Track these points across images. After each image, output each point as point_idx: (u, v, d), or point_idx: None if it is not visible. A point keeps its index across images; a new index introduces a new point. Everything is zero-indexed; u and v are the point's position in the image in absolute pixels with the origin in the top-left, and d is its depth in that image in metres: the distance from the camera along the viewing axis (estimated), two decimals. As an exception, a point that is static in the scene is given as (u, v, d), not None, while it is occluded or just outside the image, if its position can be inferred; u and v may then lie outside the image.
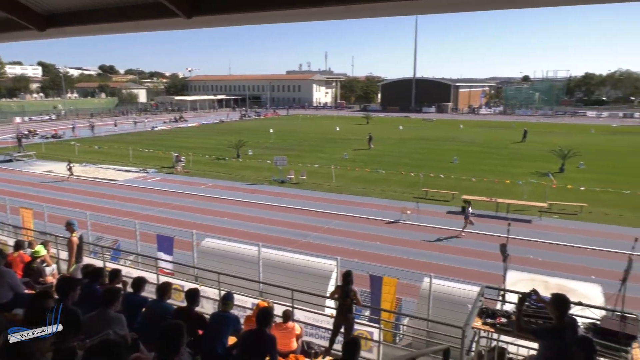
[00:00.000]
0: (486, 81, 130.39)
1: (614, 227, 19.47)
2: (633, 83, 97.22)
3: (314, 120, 77.23)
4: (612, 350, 5.42)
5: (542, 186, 25.24)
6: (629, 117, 75.90)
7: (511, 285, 8.99)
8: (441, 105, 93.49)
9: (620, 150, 40.87)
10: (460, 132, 56.66)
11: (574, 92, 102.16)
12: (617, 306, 6.12)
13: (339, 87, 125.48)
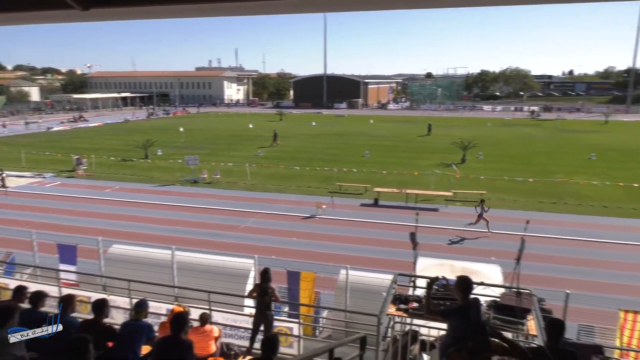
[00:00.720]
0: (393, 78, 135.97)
1: (510, 212, 21.24)
2: (522, 79, 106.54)
3: (226, 117, 75.82)
4: (511, 324, 5.93)
5: (447, 176, 26.89)
6: (519, 111, 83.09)
7: (421, 271, 9.49)
8: (352, 101, 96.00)
9: (513, 141, 44.68)
10: (370, 127, 58.63)
11: (471, 88, 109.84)
12: (514, 283, 6.69)
13: (251, 84, 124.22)
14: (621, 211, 21.55)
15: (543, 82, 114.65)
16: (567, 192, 23.87)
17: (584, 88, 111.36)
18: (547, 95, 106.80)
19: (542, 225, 18.95)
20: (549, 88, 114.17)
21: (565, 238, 17.86)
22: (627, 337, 9.42)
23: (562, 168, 30.95)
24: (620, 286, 13.69)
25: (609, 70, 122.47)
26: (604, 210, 21.78)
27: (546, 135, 49.69)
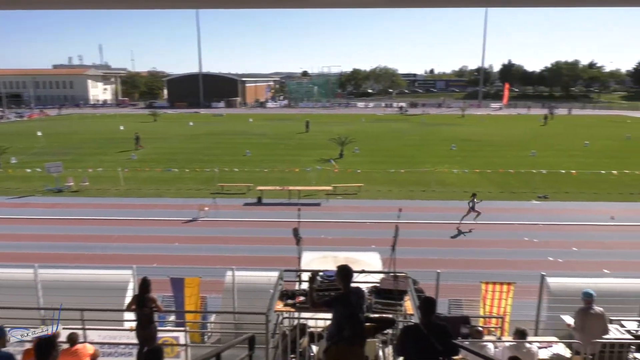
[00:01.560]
0: (270, 76, 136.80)
1: (386, 201, 22.65)
2: (390, 78, 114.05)
3: (93, 119, 69.94)
4: (391, 306, 6.33)
5: (327, 171, 27.82)
6: (390, 107, 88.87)
7: (306, 265, 9.69)
8: (230, 100, 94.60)
9: (385, 135, 47.67)
10: (250, 125, 58.34)
11: (345, 85, 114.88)
12: (391, 268, 7.15)
13: (120, 83, 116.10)
14: (480, 195, 24.09)
15: (409, 80, 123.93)
16: (433, 180, 26.10)
17: (444, 85, 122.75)
18: (412, 92, 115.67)
19: (414, 211, 20.49)
20: (414, 85, 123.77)
21: (434, 222, 19.54)
22: (488, 307, 10.60)
23: (429, 158, 33.78)
24: (482, 261, 15.35)
25: (463, 69, 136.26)
26: (465, 195, 24.13)
27: (414, 129, 53.78)
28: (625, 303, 10.33)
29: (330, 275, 6.55)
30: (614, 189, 25.15)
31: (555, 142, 43.22)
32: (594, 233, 18.41)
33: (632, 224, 19.46)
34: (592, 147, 39.70)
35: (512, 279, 10.72)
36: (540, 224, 19.30)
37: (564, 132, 51.23)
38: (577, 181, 26.48)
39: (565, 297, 10.15)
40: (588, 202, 22.79)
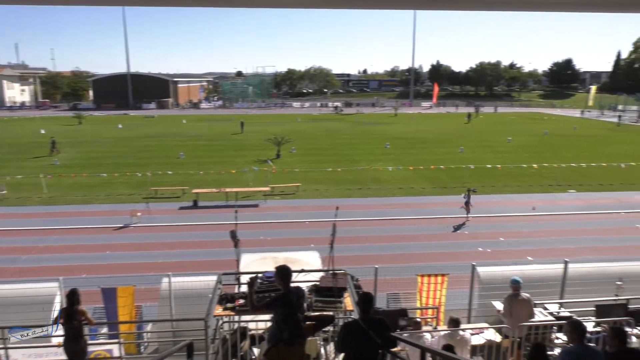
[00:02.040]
0: (204, 76, 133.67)
1: (323, 200, 22.85)
2: (325, 78, 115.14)
3: (9, 123, 65.01)
4: (331, 304, 6.38)
5: (264, 172, 27.63)
6: (325, 107, 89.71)
7: (245, 267, 9.59)
8: (162, 101, 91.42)
9: (321, 135, 48.09)
10: (184, 127, 56.74)
11: (280, 86, 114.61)
12: (330, 266, 7.22)
13: (39, 84, 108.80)
14: (413, 191, 24.99)
15: (343, 80, 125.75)
16: (369, 178, 26.67)
17: (377, 85, 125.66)
18: (347, 92, 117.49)
19: (351, 209, 20.85)
20: (348, 85, 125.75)
21: (372, 219, 19.98)
22: (424, 298, 10.99)
23: (364, 157, 34.48)
24: (417, 255, 15.89)
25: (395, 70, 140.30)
26: (400, 191, 24.97)
27: (349, 128, 54.68)
28: (548, 287, 11.09)
29: (270, 276, 6.50)
30: (535, 181, 26.92)
31: (481, 138, 45.57)
32: (518, 223, 19.61)
33: (551, 214, 20.92)
34: (515, 142, 42.25)
35: (446, 271, 11.18)
36: (470, 217, 20.26)
37: (489, 129, 54.12)
38: (502, 175, 28.08)
39: (494, 285, 10.74)
40: (512, 195, 24.24)
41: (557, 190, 25.15)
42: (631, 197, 23.97)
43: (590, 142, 43.86)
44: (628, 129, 56.18)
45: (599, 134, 50.56)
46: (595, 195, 24.27)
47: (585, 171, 28.83)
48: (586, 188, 25.62)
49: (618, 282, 10.98)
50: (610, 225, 19.51)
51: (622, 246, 16.72)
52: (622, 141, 45.05)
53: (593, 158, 33.32)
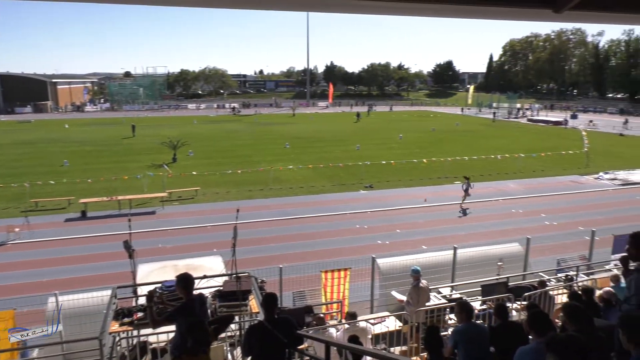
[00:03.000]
0: (87, 77, 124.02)
1: (225, 203, 22.39)
2: (220, 78, 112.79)
3: None
4: (235, 307, 6.28)
5: (160, 177, 26.38)
6: (222, 108, 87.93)
7: (144, 279, 9.09)
8: (39, 105, 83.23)
9: (219, 137, 47.10)
10: (67, 132, 52.20)
11: (174, 87, 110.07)
12: (233, 270, 7.09)
13: None
14: (314, 189, 25.44)
15: (239, 81, 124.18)
16: (271, 178, 26.67)
17: (273, 86, 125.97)
18: (244, 92, 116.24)
19: (254, 210, 20.70)
20: (245, 86, 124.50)
21: (274, 219, 20.00)
22: (329, 293, 11.26)
23: (265, 157, 34.40)
24: (321, 252, 16.19)
25: (291, 70, 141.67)
26: (301, 190, 25.28)
27: (248, 129, 54.20)
28: (441, 272, 11.94)
29: (170, 286, 6.23)
30: (425, 175, 28.79)
31: (375, 136, 47.70)
32: (412, 215, 20.85)
33: (440, 204, 22.51)
34: (406, 139, 44.84)
35: (348, 265, 11.56)
36: (368, 212, 21.13)
37: (382, 127, 56.83)
38: (396, 170, 29.64)
39: (393, 275, 11.32)
40: (406, 188, 25.70)
41: (445, 182, 27.13)
42: (507, 185, 26.63)
43: (471, 137, 47.94)
44: (501, 125, 62.30)
45: (477, 130, 55.44)
46: (478, 185, 26.50)
47: (468, 163, 31.43)
48: (471, 179, 27.93)
49: (499, 262, 12.13)
50: (491, 211, 21.49)
51: (502, 229, 18.50)
52: (497, 135, 49.86)
53: (474, 151, 36.44)
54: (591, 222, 18.15)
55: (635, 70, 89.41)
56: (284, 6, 5.96)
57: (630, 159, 34.49)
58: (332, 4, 5.66)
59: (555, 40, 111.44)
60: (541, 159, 33.33)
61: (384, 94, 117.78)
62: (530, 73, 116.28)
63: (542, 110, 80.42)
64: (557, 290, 9.97)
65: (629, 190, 25.94)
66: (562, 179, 28.37)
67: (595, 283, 10.60)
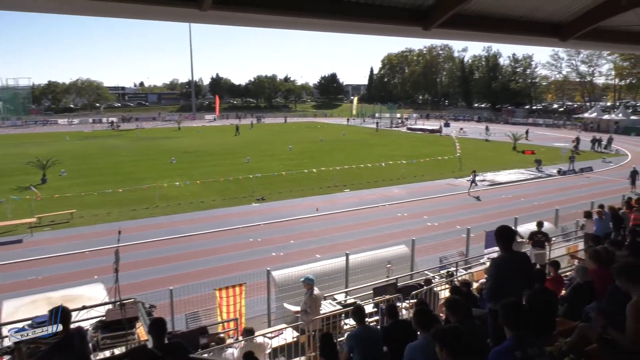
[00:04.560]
0: None
1: (105, 225, 20.77)
2: (95, 91, 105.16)
3: None
4: (121, 338, 5.83)
5: (28, 201, 23.75)
6: (99, 122, 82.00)
7: (10, 316, 8.10)
8: None
9: (97, 154, 43.77)
10: None
11: (41, 100, 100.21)
12: (117, 297, 6.59)
13: None
14: (204, 204, 24.70)
15: (117, 94, 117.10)
16: (157, 195, 25.37)
17: (156, 99, 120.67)
18: (123, 106, 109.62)
19: (139, 231, 19.55)
20: (124, 99, 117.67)
21: (162, 239, 19.02)
22: (225, 312, 10.96)
23: (149, 174, 32.66)
24: (214, 269, 15.72)
25: (174, 82, 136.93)
26: (190, 206, 24.39)
27: (129, 145, 51.15)
28: (335, 279, 12.26)
29: (42, 322, 5.61)
30: (316, 184, 29.46)
31: (265, 148, 47.82)
32: (305, 225, 21.17)
33: (332, 212, 23.17)
34: (295, 150, 45.56)
35: (243, 280, 11.37)
36: (261, 224, 21.03)
37: (272, 139, 57.17)
38: (287, 181, 29.94)
39: (289, 286, 11.37)
40: (297, 199, 26.04)
41: (335, 191, 28.01)
42: (391, 191, 28.23)
43: (357, 146, 50.19)
44: (384, 133, 66.15)
45: (363, 139, 58.23)
46: (366, 192, 27.84)
47: (356, 171, 32.81)
48: (357, 186, 29.17)
49: (388, 265, 12.79)
50: (379, 216, 22.60)
51: (389, 233, 19.53)
52: (381, 144, 52.80)
53: (360, 159, 38.16)
54: (466, 221, 19.92)
55: (494, 82, 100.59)
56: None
57: (495, 162, 38.64)
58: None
59: (427, 55, 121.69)
60: (421, 165, 35.90)
61: (272, 106, 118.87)
62: (407, 85, 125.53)
63: (420, 119, 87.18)
64: (440, 286, 10.76)
65: (495, 189, 28.98)
66: (440, 183, 30.83)
67: (473, 276, 11.65)
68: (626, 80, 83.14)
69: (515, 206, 24.17)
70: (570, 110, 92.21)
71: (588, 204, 19.10)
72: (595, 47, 11.89)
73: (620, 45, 9.13)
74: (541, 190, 28.60)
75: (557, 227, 17.70)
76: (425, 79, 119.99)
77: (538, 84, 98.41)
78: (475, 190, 27.72)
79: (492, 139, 57.36)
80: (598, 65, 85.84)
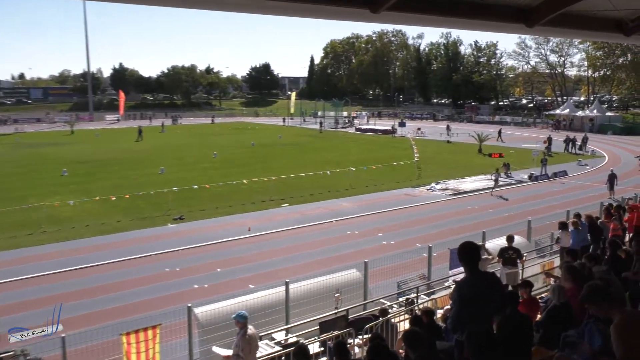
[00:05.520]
0: None
1: (-25, 258, 19.59)
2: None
3: None
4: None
5: None
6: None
7: None
8: None
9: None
10: None
11: None
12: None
13: None
14: (106, 227, 23.87)
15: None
16: (44, 218, 24.22)
17: (41, 94, 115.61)
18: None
19: (20, 264, 18.68)
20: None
21: (51, 272, 18.15)
22: (135, 361, 10.59)
23: (34, 190, 31.18)
24: (119, 308, 15.18)
25: (65, 74, 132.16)
26: (87, 230, 23.48)
27: (6, 154, 48.77)
28: (273, 314, 12.19)
29: None
30: (247, 198, 29.28)
31: (184, 154, 47.03)
32: (235, 248, 20.96)
33: (268, 232, 23.08)
34: (221, 157, 45.12)
35: (158, 320, 11.05)
36: (180, 250, 20.59)
37: (192, 143, 56.37)
38: (212, 195, 29.54)
39: (216, 325, 11.17)
40: (225, 217, 25.75)
41: (271, 206, 27.95)
42: (339, 204, 28.56)
43: (297, 151, 50.45)
44: (329, 135, 66.99)
45: (303, 142, 58.64)
46: (308, 206, 27.98)
47: (295, 182, 32.92)
48: (298, 200, 29.28)
49: (336, 294, 12.88)
50: (325, 235, 22.76)
51: (338, 255, 19.71)
52: (325, 148, 53.40)
53: (301, 167, 38.36)
54: (428, 237, 20.48)
55: (455, 74, 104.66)
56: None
57: (458, 167, 40.12)
58: None
59: (377, 43, 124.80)
60: (373, 172, 36.58)
61: (192, 104, 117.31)
62: (354, 77, 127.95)
63: (370, 118, 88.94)
64: (398, 316, 10.95)
65: (459, 199, 30.04)
66: (396, 193, 31.55)
67: (436, 303, 11.96)
68: (600, 72, 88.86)
69: (483, 218, 25.16)
70: (540, 106, 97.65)
71: (563, 213, 20.18)
72: (564, 34, 12.58)
73: (590, 33, 9.80)
74: (511, 199, 29.95)
75: (530, 241, 18.57)
76: (375, 70, 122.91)
77: (504, 76, 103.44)
78: (499, 189, 32.04)
79: (455, 140, 59.56)
80: (569, 54, 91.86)
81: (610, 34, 9.00)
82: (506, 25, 8.84)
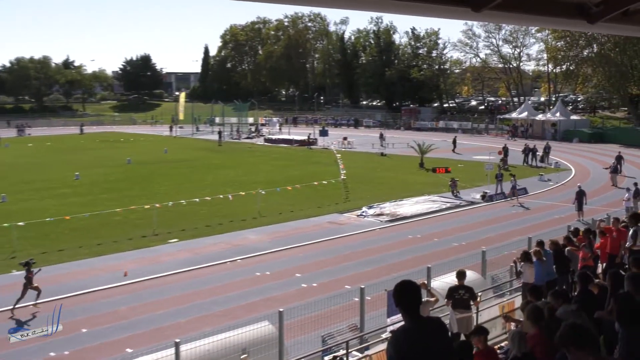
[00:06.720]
0: None
1: None
2: None
3: None
4: None
5: None
6: None
7: None
8: None
9: None
10: None
11: None
12: None
13: None
14: None
15: None
16: None
17: None
18: None
19: None
20: None
21: None
22: None
23: None
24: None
25: None
26: None
27: None
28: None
29: None
30: (122, 233, 28.54)
31: (34, 177, 45.26)
32: (107, 300, 20.30)
33: (150, 278, 22.51)
34: (86, 179, 43.85)
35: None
36: (30, 305, 19.72)
37: (45, 161, 54.40)
38: (73, 231, 28.57)
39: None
40: (92, 259, 24.93)
41: (155, 243, 27.36)
42: (245, 237, 28.40)
43: (189, 169, 49.92)
44: (231, 148, 66.81)
45: (197, 157, 58.14)
46: (204, 241, 27.60)
47: (188, 210, 32.47)
48: (191, 233, 28.86)
49: (243, 355, 12.74)
50: (228, 279, 22.52)
51: (245, 304, 19.54)
52: (226, 165, 53.22)
53: (194, 190, 37.96)
54: (359, 277, 20.73)
55: (389, 69, 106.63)
56: None
57: (396, 186, 41.04)
58: None
59: (290, 29, 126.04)
60: (288, 195, 36.73)
61: (45, 108, 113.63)
62: (262, 74, 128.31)
63: (284, 126, 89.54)
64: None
65: (398, 227, 30.67)
66: (318, 221, 31.78)
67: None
68: (562, 66, 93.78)
69: (427, 250, 25.78)
70: (493, 108, 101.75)
71: (525, 240, 20.99)
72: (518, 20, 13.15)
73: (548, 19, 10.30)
74: (461, 225, 30.93)
75: (485, 277, 19.15)
76: (289, 64, 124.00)
77: (449, 72, 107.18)
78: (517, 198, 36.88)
79: (390, 152, 60.92)
80: (525, 45, 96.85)
81: (572, 21, 9.47)
82: (448, 9, 9.16)
